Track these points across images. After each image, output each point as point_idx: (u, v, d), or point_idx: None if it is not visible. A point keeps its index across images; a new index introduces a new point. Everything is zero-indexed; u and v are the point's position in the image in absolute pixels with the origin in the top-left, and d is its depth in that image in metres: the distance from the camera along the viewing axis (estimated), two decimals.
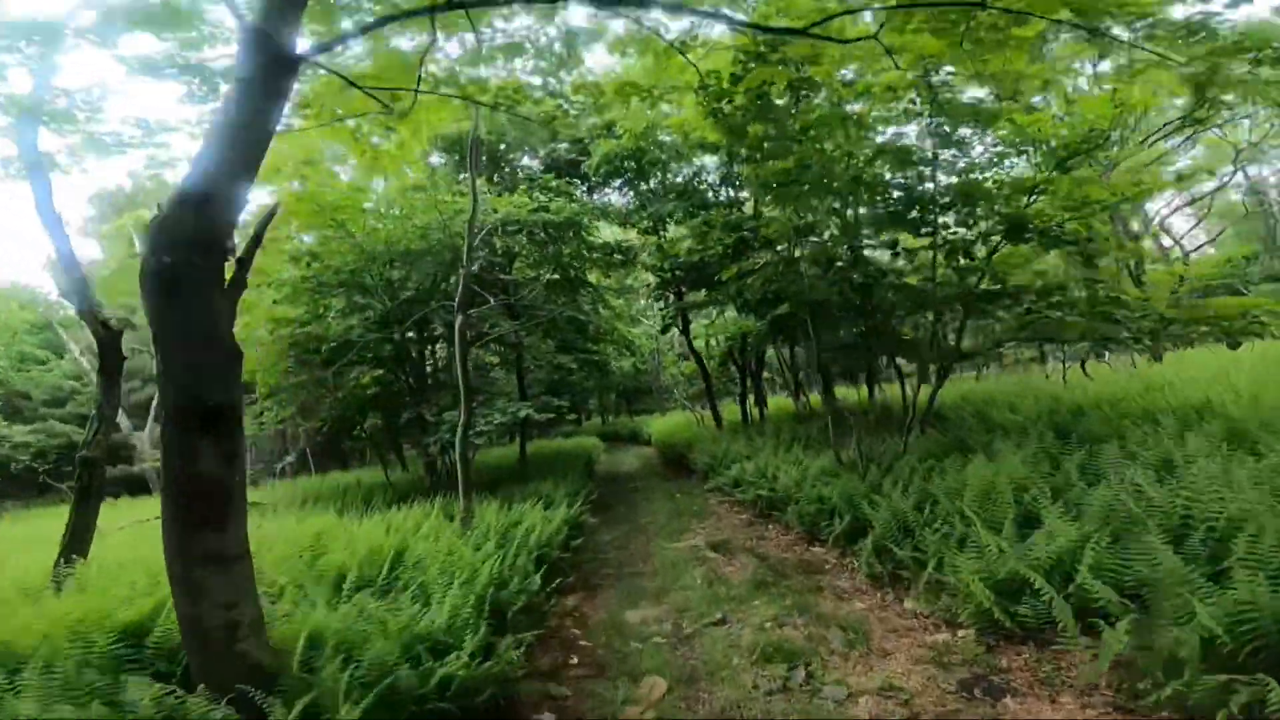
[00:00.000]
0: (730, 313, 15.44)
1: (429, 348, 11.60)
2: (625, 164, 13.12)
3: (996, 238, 7.50)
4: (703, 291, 13.32)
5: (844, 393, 14.15)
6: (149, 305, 2.70)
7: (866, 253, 8.81)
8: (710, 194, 13.36)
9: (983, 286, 7.89)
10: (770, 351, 15.43)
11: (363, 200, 9.45)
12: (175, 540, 2.64)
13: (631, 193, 14.45)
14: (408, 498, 9.31)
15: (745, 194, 13.68)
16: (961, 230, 7.63)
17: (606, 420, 34.67)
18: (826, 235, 8.03)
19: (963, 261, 7.66)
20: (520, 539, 5.86)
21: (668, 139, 13.43)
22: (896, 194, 7.32)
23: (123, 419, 18.12)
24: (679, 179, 13.30)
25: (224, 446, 2.65)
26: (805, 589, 5.46)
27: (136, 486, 17.59)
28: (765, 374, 16.68)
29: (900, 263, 8.39)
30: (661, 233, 12.95)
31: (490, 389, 9.97)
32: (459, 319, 6.75)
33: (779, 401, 17.43)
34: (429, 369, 11.51)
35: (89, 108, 4.86)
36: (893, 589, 5.23)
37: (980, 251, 7.77)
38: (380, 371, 10.78)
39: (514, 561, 5.28)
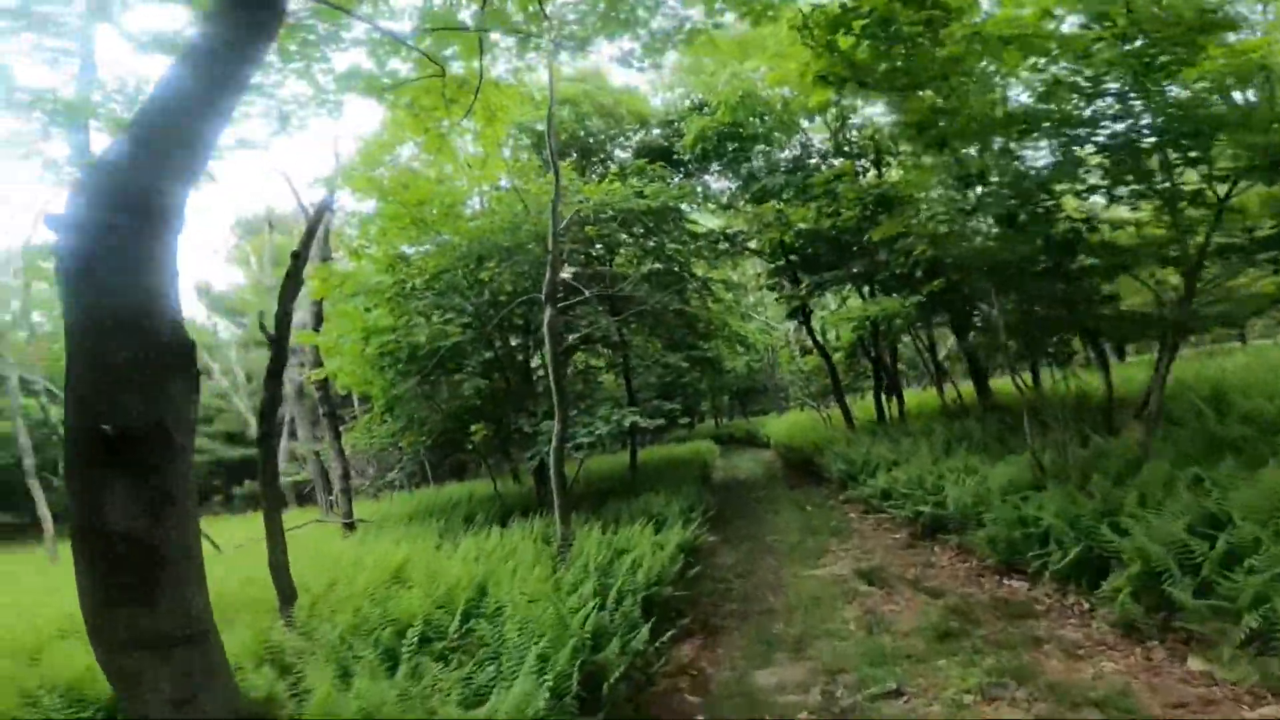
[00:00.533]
0: (854, 300, 13.68)
1: (532, 351, 10.97)
2: (723, 143, 11.85)
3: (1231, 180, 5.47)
4: (826, 273, 11.73)
5: (999, 385, 11.98)
6: (60, 294, 1.90)
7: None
8: (822, 168, 11.76)
9: (1216, 239, 5.87)
10: (905, 340, 13.49)
11: (450, 198, 8.90)
12: (89, 617, 1.78)
13: (731, 175, 13.12)
14: (513, 513, 8.67)
15: (865, 162, 11.95)
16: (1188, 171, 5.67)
17: (720, 423, 33.23)
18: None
19: (1190, 210, 5.69)
20: (625, 576, 4.81)
21: (767, 116, 12.03)
22: (1090, 131, 5.49)
23: None
24: (784, 154, 11.82)
25: (146, 488, 1.76)
26: (1014, 642, 3.98)
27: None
28: (899, 365, 14.69)
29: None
30: (777, 203, 11.50)
31: (594, 394, 9.06)
32: (547, 313, 5.85)
33: (915, 396, 15.33)
34: (534, 374, 10.88)
35: (126, 100, 4.35)
36: (1161, 643, 3.65)
37: (1210, 196, 5.75)
38: (482, 380, 10.24)
39: (615, 609, 4.23)
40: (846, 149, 10.81)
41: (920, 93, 5.38)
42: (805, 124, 12.65)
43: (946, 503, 6.27)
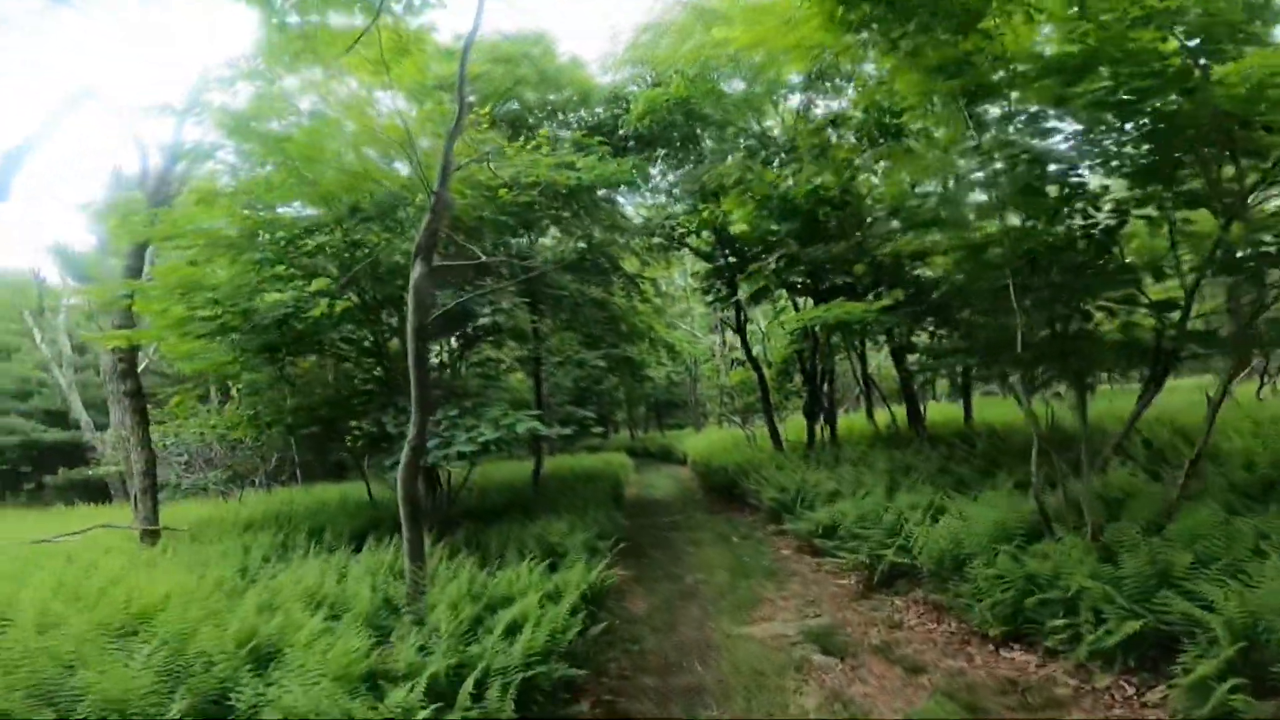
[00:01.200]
0: (788, 313, 12.75)
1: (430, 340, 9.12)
2: (672, 123, 10.58)
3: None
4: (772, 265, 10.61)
5: (941, 410, 11.33)
6: None
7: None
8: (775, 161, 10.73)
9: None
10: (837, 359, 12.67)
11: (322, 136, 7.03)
12: None
13: (677, 163, 11.89)
14: (380, 529, 6.94)
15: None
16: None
17: (635, 435, 31.96)
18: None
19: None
20: (496, 646, 3.27)
21: (730, 90, 10.91)
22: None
23: (82, 415, 16.12)
24: (742, 141, 10.67)
25: None
26: None
27: (98, 493, 15.52)
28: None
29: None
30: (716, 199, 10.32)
31: (487, 392, 7.40)
32: (416, 270, 4.21)
33: (843, 420, 14.60)
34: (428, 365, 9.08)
35: None
36: None
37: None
38: (355, 366, 8.35)
39: (472, 709, 2.68)
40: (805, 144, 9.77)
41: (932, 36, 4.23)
42: (767, 115, 11.62)
43: (912, 548, 5.13)
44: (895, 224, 5.39)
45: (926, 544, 4.88)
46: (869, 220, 4.60)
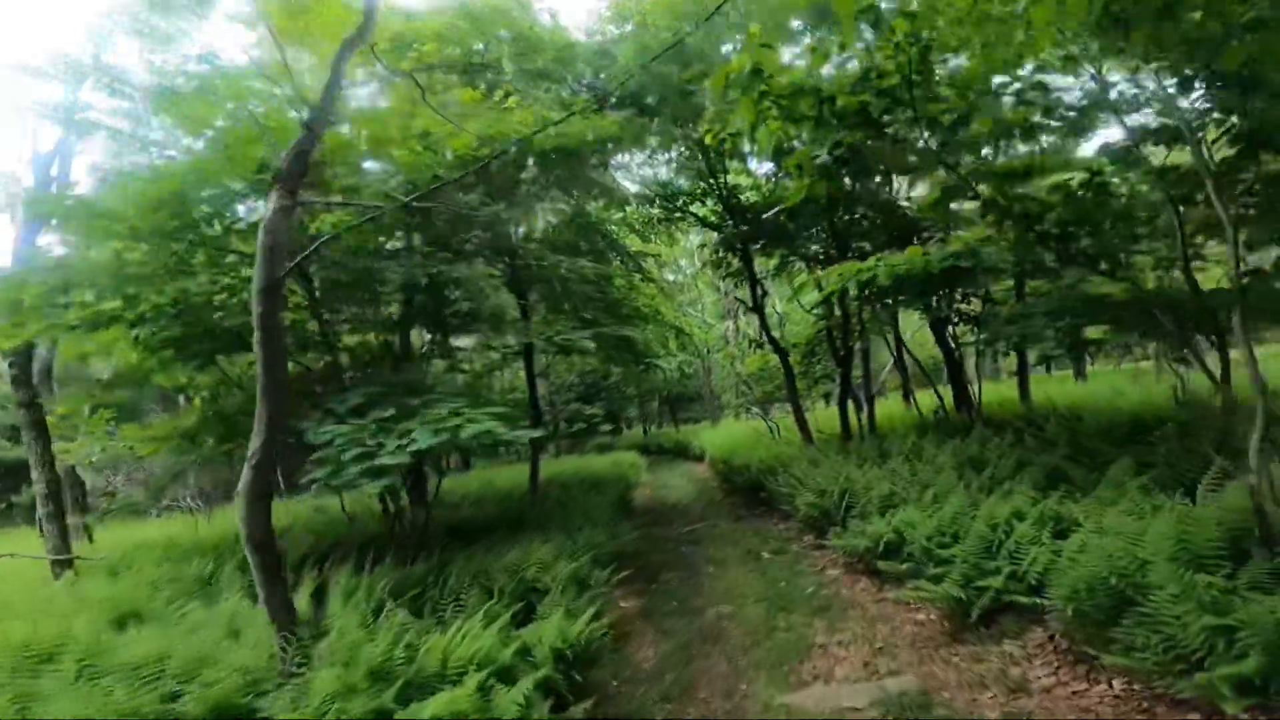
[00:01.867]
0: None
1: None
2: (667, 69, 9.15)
3: None
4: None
5: (989, 390, 9.81)
6: None
7: None
8: None
9: None
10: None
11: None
12: None
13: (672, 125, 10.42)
14: (342, 552, 5.74)
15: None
16: None
17: (649, 430, 30.52)
18: None
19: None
20: None
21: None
22: None
23: None
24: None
25: None
26: None
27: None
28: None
29: None
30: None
31: (426, 382, 5.91)
32: (271, 204, 2.84)
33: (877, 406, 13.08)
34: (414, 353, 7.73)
35: None
36: None
37: None
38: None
39: None
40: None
41: None
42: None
43: (1025, 574, 3.69)
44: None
45: (1057, 570, 3.43)
46: (950, 118, 3.25)
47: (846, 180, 9.08)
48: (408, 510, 7.00)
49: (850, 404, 9.76)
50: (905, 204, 9.51)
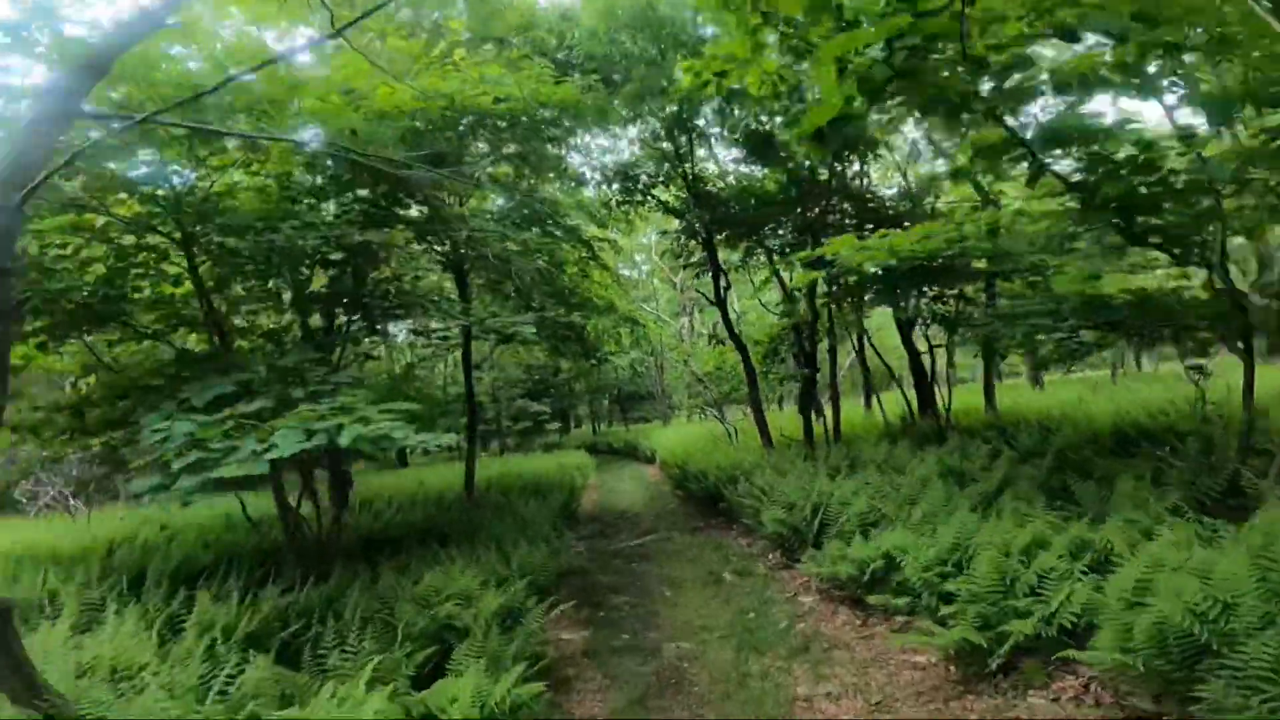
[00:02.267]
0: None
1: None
2: (638, 33, 8.31)
3: None
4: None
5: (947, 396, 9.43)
6: None
7: None
8: None
9: None
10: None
11: None
12: None
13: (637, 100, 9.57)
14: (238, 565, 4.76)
15: None
16: None
17: (598, 429, 29.65)
18: None
19: None
20: None
21: None
22: None
23: None
24: None
25: None
26: None
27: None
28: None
29: None
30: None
31: (285, 368, 4.85)
32: None
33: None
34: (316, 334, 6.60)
35: None
36: None
37: None
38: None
39: None
40: None
41: None
42: None
43: (1056, 615, 3.04)
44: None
45: (1104, 612, 2.78)
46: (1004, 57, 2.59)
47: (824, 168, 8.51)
48: (311, 518, 5.97)
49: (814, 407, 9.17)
50: (880, 194, 9.02)
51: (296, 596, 4.29)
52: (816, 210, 8.79)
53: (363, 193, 6.42)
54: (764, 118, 8.83)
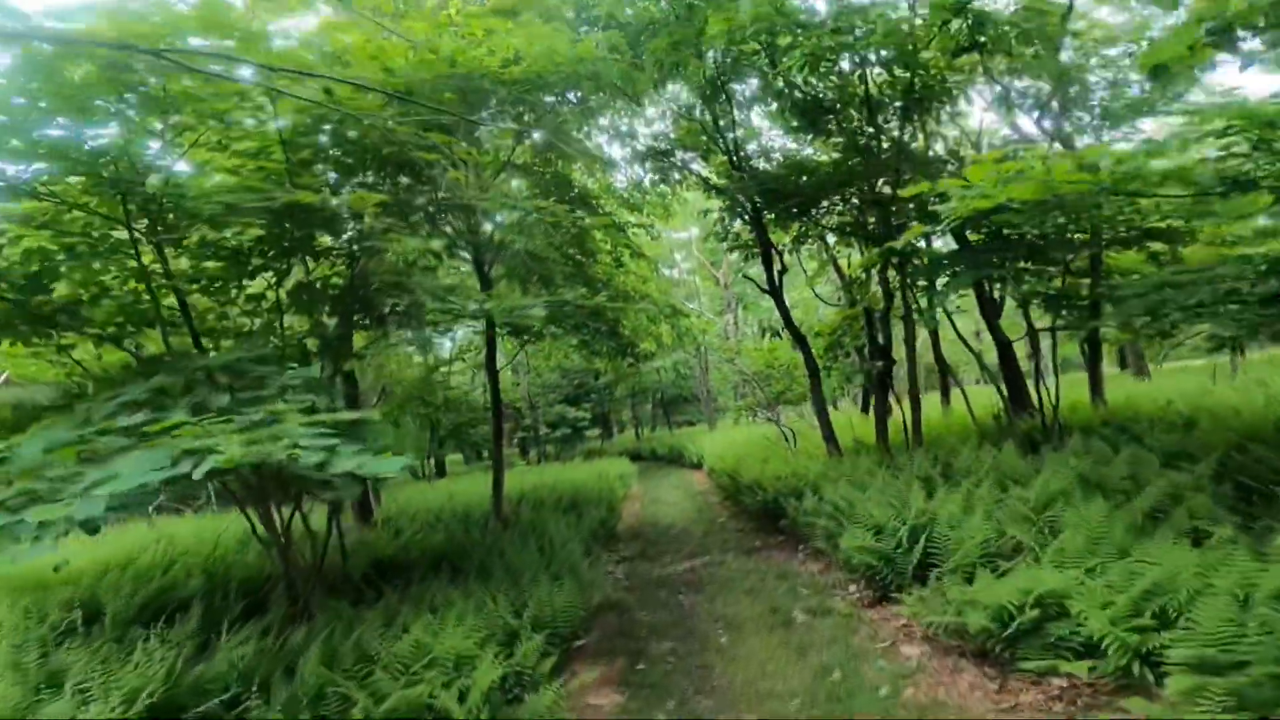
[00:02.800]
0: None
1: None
2: None
3: None
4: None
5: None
6: None
7: None
8: None
9: None
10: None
11: None
12: None
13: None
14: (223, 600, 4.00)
15: None
16: None
17: (641, 434, 28.55)
18: None
19: None
20: None
21: None
22: None
23: None
24: None
25: None
26: None
27: None
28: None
29: None
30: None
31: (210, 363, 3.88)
32: None
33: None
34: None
35: None
36: None
37: None
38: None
39: None
40: None
41: None
42: None
43: None
44: None
45: None
46: None
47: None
48: (301, 541, 5.10)
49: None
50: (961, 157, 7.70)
51: (243, 652, 3.35)
52: (883, 184, 7.53)
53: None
54: (813, 80, 7.67)
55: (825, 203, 8.53)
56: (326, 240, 5.65)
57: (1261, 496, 4.21)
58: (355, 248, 5.55)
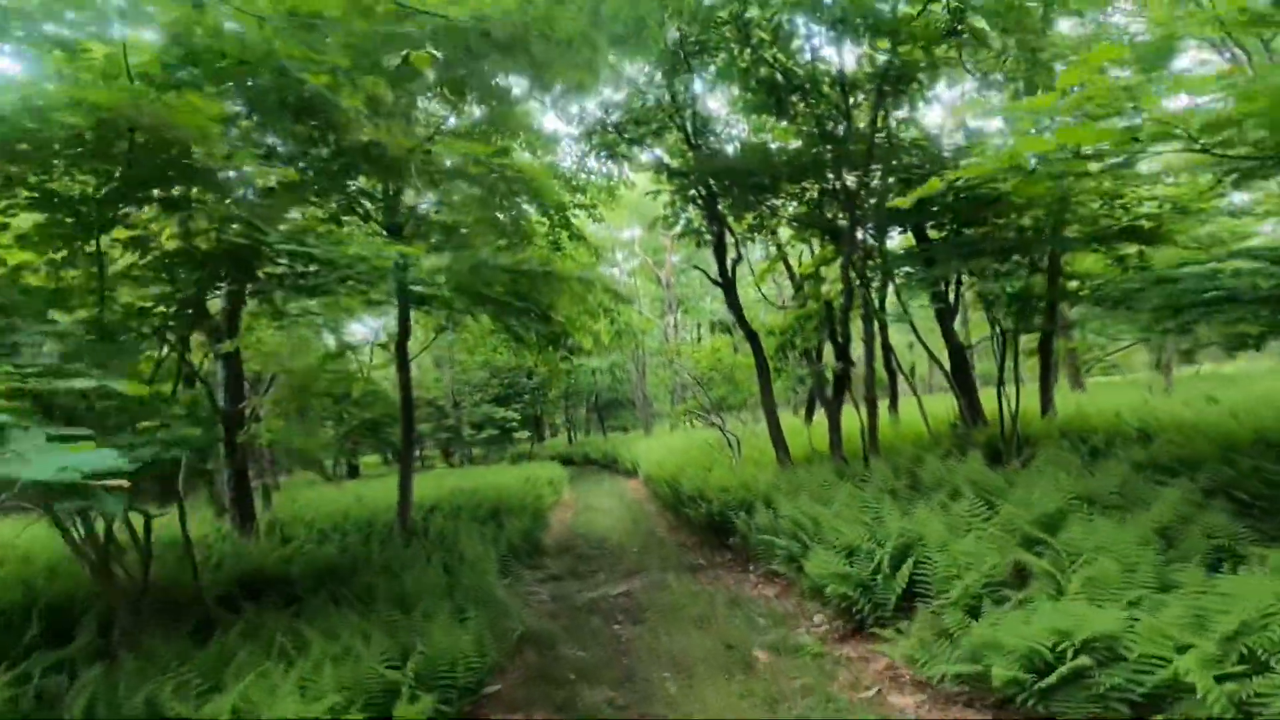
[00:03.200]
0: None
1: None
2: None
3: None
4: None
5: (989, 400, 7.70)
6: None
7: None
8: None
9: None
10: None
11: None
12: None
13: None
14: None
15: None
16: None
17: (574, 438, 27.49)
18: None
19: None
20: None
21: None
22: None
23: None
24: None
25: None
26: None
27: None
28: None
29: None
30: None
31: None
32: None
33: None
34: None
35: None
36: None
37: None
38: None
39: None
40: None
41: None
42: None
43: None
44: None
45: None
46: None
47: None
48: (121, 551, 3.97)
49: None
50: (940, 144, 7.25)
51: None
52: (855, 176, 6.98)
53: None
54: (782, 57, 7.11)
55: (784, 192, 8.00)
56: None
57: (1264, 511, 3.84)
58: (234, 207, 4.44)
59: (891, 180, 6.98)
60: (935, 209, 6.55)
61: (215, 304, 7.53)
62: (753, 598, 5.00)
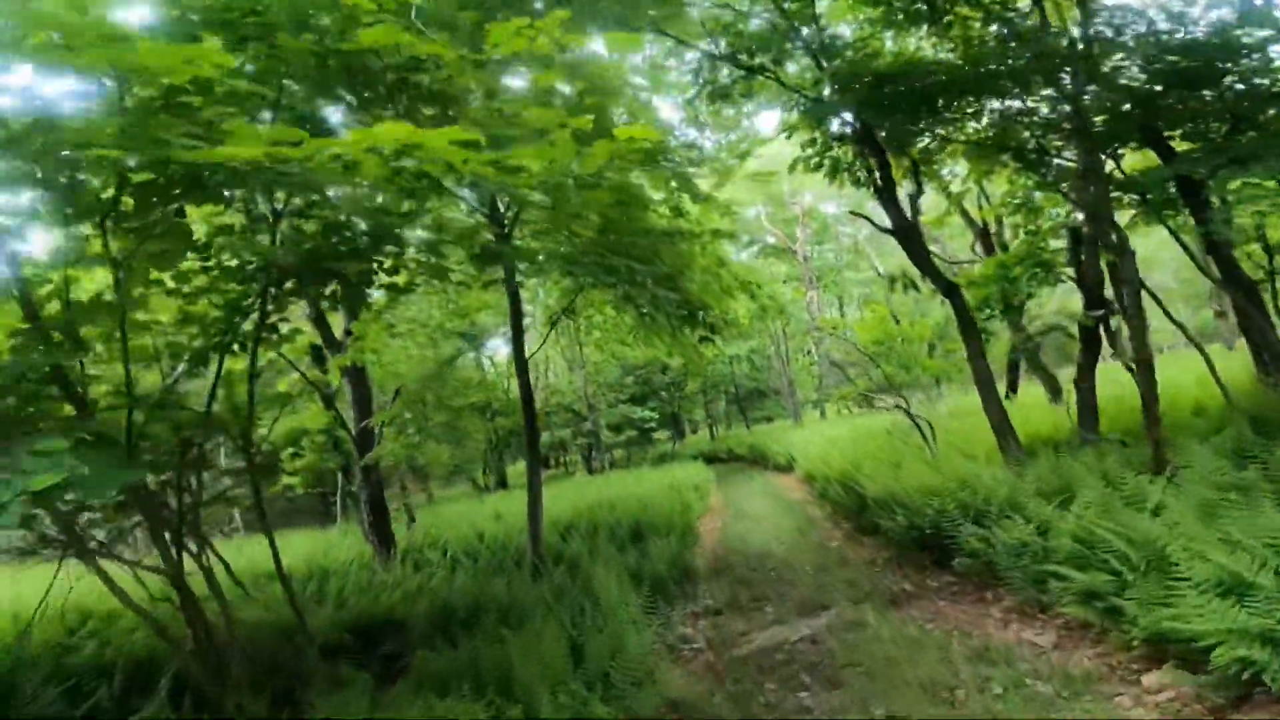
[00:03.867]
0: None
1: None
2: None
3: None
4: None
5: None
6: None
7: None
8: None
9: None
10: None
11: None
12: None
13: None
14: None
15: None
16: None
17: (715, 433, 26.11)
18: None
19: None
20: None
21: None
22: None
23: None
24: None
25: None
26: None
27: None
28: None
29: None
30: None
31: None
32: None
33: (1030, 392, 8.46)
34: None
35: None
36: None
37: None
38: None
39: None
40: None
41: None
42: None
43: None
44: None
45: None
46: None
47: None
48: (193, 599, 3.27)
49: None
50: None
51: None
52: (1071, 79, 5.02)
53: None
54: None
55: (957, 112, 6.17)
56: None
57: None
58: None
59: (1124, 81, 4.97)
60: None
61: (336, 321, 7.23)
62: (1010, 645, 3.39)
